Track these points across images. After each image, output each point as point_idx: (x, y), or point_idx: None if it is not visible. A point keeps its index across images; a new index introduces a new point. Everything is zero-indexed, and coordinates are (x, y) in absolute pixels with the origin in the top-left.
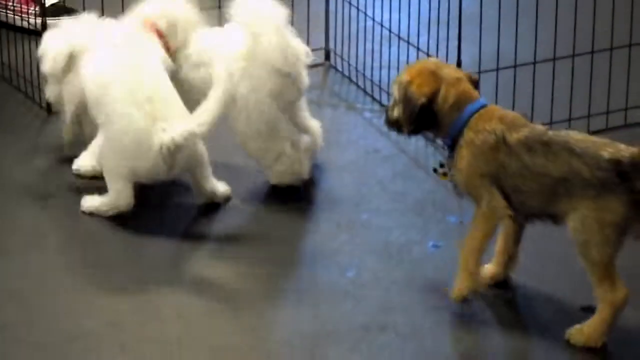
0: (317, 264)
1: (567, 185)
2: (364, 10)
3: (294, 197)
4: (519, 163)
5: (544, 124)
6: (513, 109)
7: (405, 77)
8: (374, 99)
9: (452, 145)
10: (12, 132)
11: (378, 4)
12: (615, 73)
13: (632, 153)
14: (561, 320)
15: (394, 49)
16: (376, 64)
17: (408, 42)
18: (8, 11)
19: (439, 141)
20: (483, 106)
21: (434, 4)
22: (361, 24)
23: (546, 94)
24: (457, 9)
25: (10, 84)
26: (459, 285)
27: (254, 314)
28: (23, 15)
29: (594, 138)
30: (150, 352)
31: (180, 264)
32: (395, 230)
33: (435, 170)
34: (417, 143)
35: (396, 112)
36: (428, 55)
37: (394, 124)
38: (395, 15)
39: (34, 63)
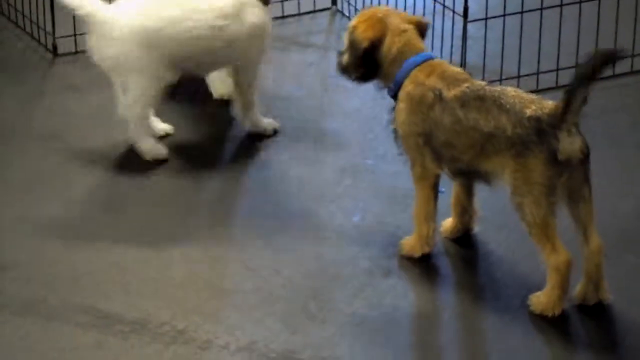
0: (322, 208)
1: (494, 141)
2: None
3: (298, 141)
4: (453, 117)
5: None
6: (519, 56)
7: (353, 22)
8: None
9: (395, 96)
10: (19, 74)
11: None
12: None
13: (550, 110)
14: (520, 285)
15: None
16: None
17: None
18: None
19: (386, 91)
20: (426, 59)
21: None
22: None
23: (553, 42)
24: None
25: (16, 26)
26: (410, 246)
27: (256, 255)
28: None
29: (526, 95)
30: (152, 291)
31: (190, 213)
32: (400, 176)
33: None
34: None
35: (345, 58)
36: (435, 1)
37: (344, 70)
38: None
39: (40, 4)
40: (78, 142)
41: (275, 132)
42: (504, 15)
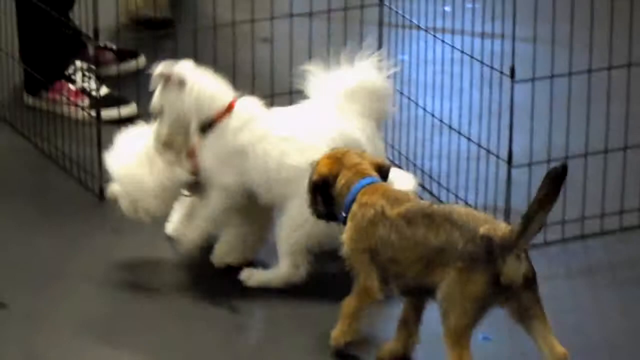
0: None
1: (443, 255)
2: (414, 100)
3: None
4: (398, 235)
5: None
6: (564, 202)
7: (313, 166)
8: (424, 188)
9: (345, 221)
10: (65, 216)
11: (429, 93)
12: None
13: (504, 233)
14: None
15: (445, 138)
16: (427, 153)
17: (459, 132)
18: (64, 105)
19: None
20: (371, 183)
21: (485, 94)
22: (412, 112)
23: (597, 187)
24: (509, 99)
25: (63, 169)
26: (337, 333)
27: None
28: (78, 108)
29: (477, 213)
30: None
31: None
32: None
33: None
34: None
35: (309, 201)
36: (479, 146)
37: (313, 211)
38: (446, 105)
39: (88, 150)
40: (121, 283)
41: None
42: (548, 161)
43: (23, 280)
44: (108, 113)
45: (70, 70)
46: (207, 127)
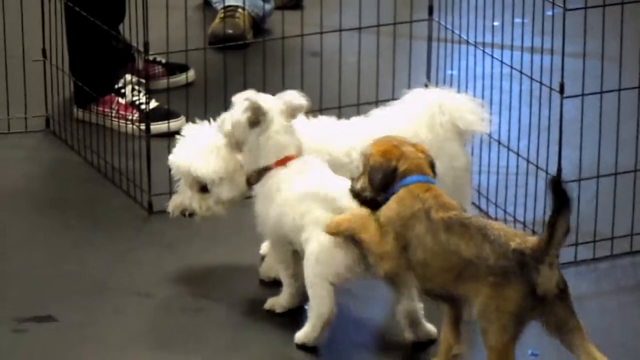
0: None
1: (473, 268)
2: None
3: None
4: (434, 239)
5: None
6: (613, 218)
7: (370, 150)
8: (473, 204)
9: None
10: (114, 230)
11: None
12: None
13: (534, 244)
14: None
15: (493, 153)
16: (475, 168)
17: (508, 148)
18: (113, 118)
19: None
20: (427, 181)
21: (535, 109)
22: None
23: None
24: (558, 114)
25: (112, 183)
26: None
27: None
28: (127, 121)
29: (509, 229)
30: None
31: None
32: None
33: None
34: None
35: (360, 183)
36: (528, 161)
37: (358, 195)
38: (495, 120)
39: (137, 163)
40: (170, 297)
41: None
42: (597, 177)
43: (73, 293)
44: (157, 127)
45: (120, 83)
46: (262, 171)
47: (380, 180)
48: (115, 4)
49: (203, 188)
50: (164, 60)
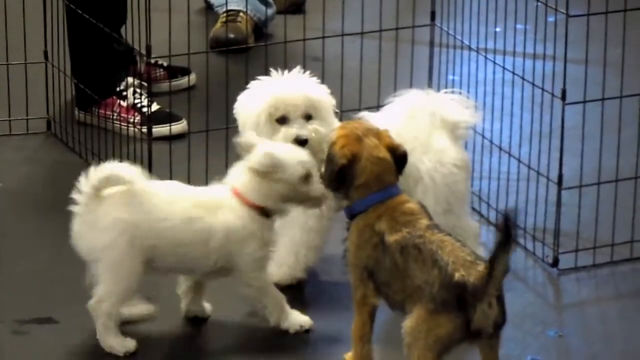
0: None
1: (421, 291)
2: None
3: None
4: (392, 261)
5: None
6: (614, 224)
7: (333, 135)
8: (473, 209)
9: (351, 218)
10: None
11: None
12: None
13: (476, 279)
14: None
15: (495, 159)
16: (476, 174)
17: (509, 154)
18: (114, 121)
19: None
20: (388, 197)
21: (536, 115)
22: None
23: None
24: (559, 121)
25: None
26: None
27: None
28: (129, 124)
29: (462, 252)
30: None
31: None
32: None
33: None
34: (516, 254)
35: (322, 170)
36: (529, 167)
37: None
38: (496, 126)
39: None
40: (170, 301)
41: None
42: (598, 184)
43: (74, 295)
44: (159, 130)
45: (122, 86)
46: None
47: (329, 175)
48: (116, 6)
49: (309, 117)
50: (165, 64)
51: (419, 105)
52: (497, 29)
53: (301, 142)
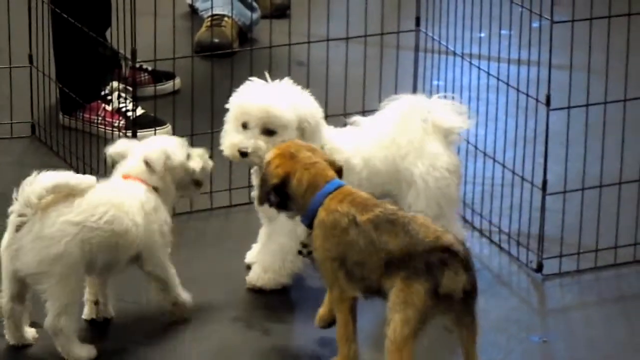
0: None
1: (396, 262)
2: None
3: None
4: (367, 240)
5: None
6: (598, 230)
7: (267, 157)
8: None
9: (310, 225)
10: None
11: None
12: None
13: (443, 245)
14: None
15: (479, 164)
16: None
17: (494, 159)
18: (99, 125)
19: (300, 221)
20: (337, 187)
21: (520, 121)
22: None
23: (631, 215)
24: (543, 127)
25: None
26: None
27: None
28: (113, 128)
29: (434, 225)
30: None
31: None
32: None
33: (300, 252)
34: (500, 260)
35: (258, 191)
36: (514, 173)
37: (259, 201)
38: (481, 131)
39: None
40: (155, 305)
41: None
42: (582, 189)
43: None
44: (144, 134)
45: (107, 90)
46: None
47: (263, 194)
48: (101, 10)
49: (269, 131)
50: (150, 68)
51: (413, 110)
52: (482, 35)
53: (242, 153)
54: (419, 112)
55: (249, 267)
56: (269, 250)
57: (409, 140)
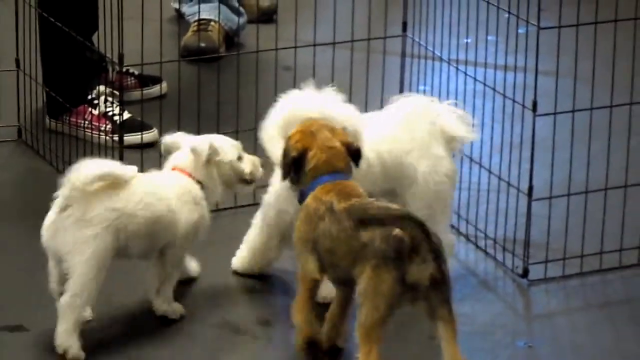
0: None
1: (365, 250)
2: None
3: None
4: (339, 227)
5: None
6: (583, 236)
7: (291, 131)
8: None
9: (301, 202)
10: None
11: None
12: None
13: (412, 234)
14: None
15: (465, 169)
16: None
17: (480, 164)
18: (85, 129)
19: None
20: (334, 180)
21: (507, 126)
22: None
23: (616, 221)
24: (530, 132)
25: None
26: (296, 338)
27: None
28: (100, 132)
29: (410, 215)
30: None
31: None
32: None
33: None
34: (486, 265)
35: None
36: (500, 178)
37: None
38: None
39: None
40: (143, 309)
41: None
42: (568, 195)
43: (44, 302)
44: (130, 138)
45: (93, 94)
46: None
47: (284, 166)
48: (88, 14)
49: None
50: (136, 72)
51: (423, 110)
52: (469, 40)
53: None
54: (428, 114)
55: (235, 273)
56: (254, 234)
57: (413, 137)
